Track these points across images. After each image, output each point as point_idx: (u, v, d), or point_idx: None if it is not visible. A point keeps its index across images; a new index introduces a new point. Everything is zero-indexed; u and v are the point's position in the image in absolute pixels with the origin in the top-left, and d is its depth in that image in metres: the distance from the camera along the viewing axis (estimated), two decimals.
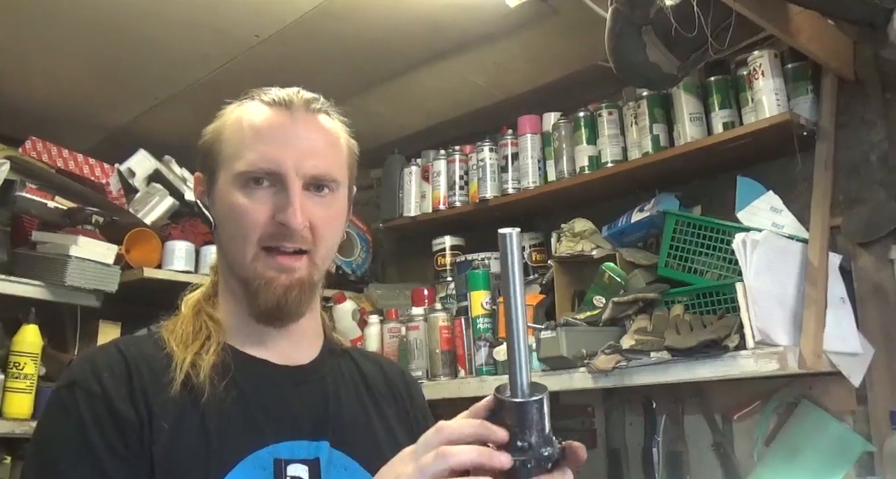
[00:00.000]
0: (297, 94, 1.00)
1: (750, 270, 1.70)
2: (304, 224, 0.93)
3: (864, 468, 1.78)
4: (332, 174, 0.98)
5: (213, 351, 0.94)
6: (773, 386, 1.94)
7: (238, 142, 0.96)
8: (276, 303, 0.94)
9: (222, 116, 1.01)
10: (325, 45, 2.15)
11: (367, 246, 2.95)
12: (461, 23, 2.08)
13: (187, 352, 0.93)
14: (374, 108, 2.54)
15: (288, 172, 0.93)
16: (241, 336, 0.99)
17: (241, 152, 0.95)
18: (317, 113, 1.00)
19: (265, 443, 0.90)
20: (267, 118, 0.97)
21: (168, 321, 1.01)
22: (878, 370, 1.78)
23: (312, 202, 0.95)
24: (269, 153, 0.94)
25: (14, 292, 2.14)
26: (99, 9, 1.96)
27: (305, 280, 0.95)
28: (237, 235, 0.95)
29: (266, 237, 0.93)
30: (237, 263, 0.96)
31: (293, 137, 0.96)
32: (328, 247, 0.98)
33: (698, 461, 2.09)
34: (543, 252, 2.43)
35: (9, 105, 2.46)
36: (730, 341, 1.65)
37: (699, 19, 1.53)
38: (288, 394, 0.96)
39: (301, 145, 0.96)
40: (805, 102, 1.91)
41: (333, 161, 0.99)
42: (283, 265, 0.94)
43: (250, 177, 0.94)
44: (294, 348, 1.01)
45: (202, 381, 0.90)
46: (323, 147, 0.98)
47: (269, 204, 0.93)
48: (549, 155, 2.35)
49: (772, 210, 1.91)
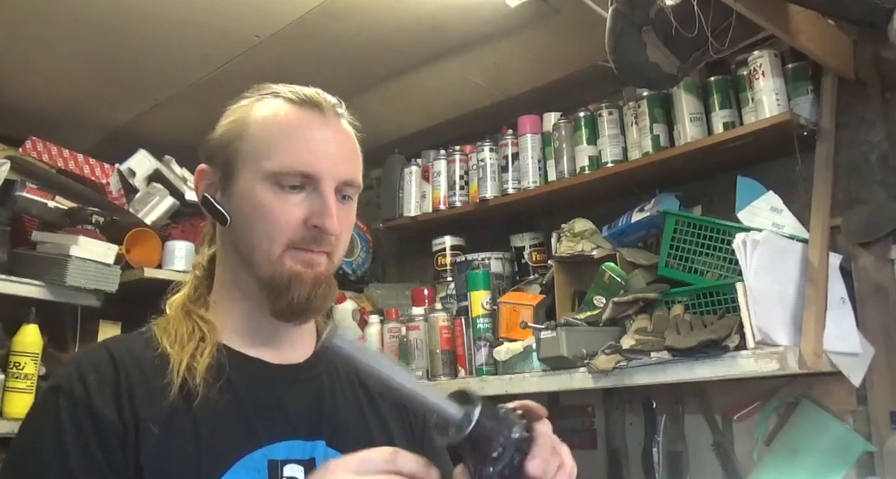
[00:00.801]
0: (321, 95, 0.99)
1: (750, 270, 1.70)
2: (339, 229, 0.94)
3: (864, 468, 1.78)
4: (358, 180, 1.00)
5: (208, 353, 0.92)
6: (773, 386, 1.94)
7: (266, 140, 0.95)
8: (308, 296, 0.94)
9: (239, 110, 0.99)
10: (325, 45, 2.15)
11: (367, 246, 2.95)
12: (461, 23, 2.08)
13: (183, 354, 0.92)
14: (374, 108, 2.53)
15: (324, 176, 0.94)
16: (239, 336, 0.98)
17: (271, 151, 0.94)
18: (341, 117, 1.01)
19: (260, 444, 0.89)
20: (299, 118, 0.96)
21: (159, 320, 1.00)
22: (878, 370, 1.78)
23: (339, 207, 0.96)
24: (305, 155, 0.94)
25: (14, 292, 2.14)
26: (99, 9, 1.96)
27: (326, 275, 0.96)
28: (263, 235, 0.93)
29: (297, 240, 0.93)
30: (262, 261, 0.94)
31: (327, 141, 0.96)
32: (344, 247, 1.00)
33: (698, 461, 2.09)
34: (543, 252, 2.43)
35: (9, 105, 2.46)
36: (730, 341, 1.65)
37: (699, 19, 1.53)
38: (283, 394, 0.96)
39: (333, 150, 0.96)
40: (805, 102, 1.91)
41: (357, 166, 1.01)
42: (310, 260, 0.94)
43: (284, 179, 0.93)
44: (291, 347, 1.01)
45: (197, 384, 0.89)
46: (351, 152, 1.00)
47: (303, 207, 0.93)
48: (549, 155, 2.35)
49: (772, 210, 1.91)
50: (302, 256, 0.94)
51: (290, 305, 0.94)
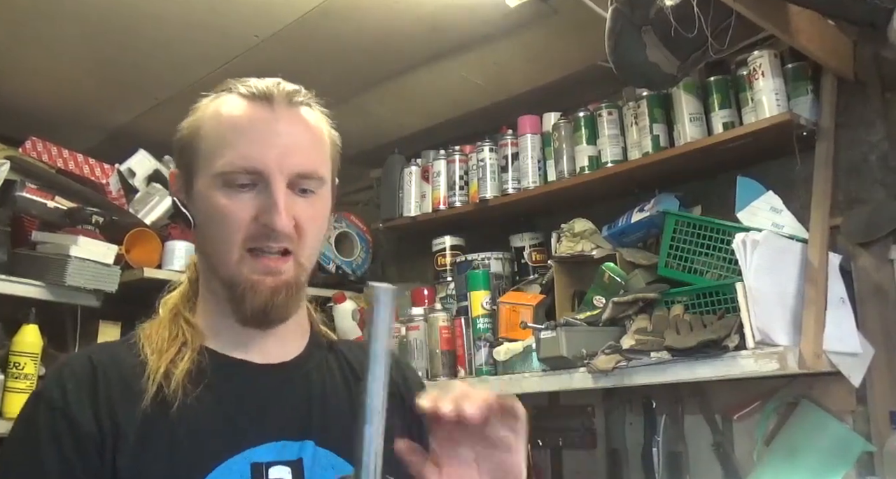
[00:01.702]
0: (277, 86, 0.95)
1: (750, 270, 1.70)
2: (289, 225, 0.90)
3: (864, 468, 1.78)
4: (317, 171, 0.94)
5: (189, 358, 0.91)
6: (773, 386, 1.95)
7: (216, 139, 0.92)
8: (263, 307, 0.91)
9: (198, 109, 0.97)
10: (325, 45, 2.15)
11: (367, 246, 2.95)
12: (461, 23, 2.08)
13: (161, 361, 0.90)
14: (374, 108, 2.53)
15: (271, 171, 0.89)
16: (221, 339, 0.96)
17: (220, 150, 0.91)
18: (298, 106, 0.96)
19: (241, 448, 0.87)
20: (246, 113, 0.92)
21: (146, 324, 0.98)
22: (878, 370, 1.78)
23: (296, 201, 0.92)
24: (250, 151, 0.90)
25: (14, 292, 2.14)
26: (99, 9, 1.96)
27: (292, 282, 0.92)
28: (220, 238, 0.91)
29: (250, 239, 0.90)
30: (221, 266, 0.92)
31: (275, 134, 0.91)
32: (313, 246, 0.95)
33: (698, 461, 2.09)
34: (543, 252, 2.43)
35: (9, 105, 2.46)
36: (730, 341, 1.65)
37: (699, 19, 1.53)
38: (270, 394, 0.93)
39: (284, 142, 0.91)
40: (805, 102, 1.91)
41: (318, 157, 0.95)
42: (270, 268, 0.91)
43: (231, 177, 0.90)
44: (278, 346, 0.98)
45: (174, 390, 0.87)
46: (307, 143, 0.94)
47: (252, 205, 0.90)
48: (549, 155, 2.35)
49: (772, 210, 1.91)
50: (262, 262, 0.90)
51: (246, 314, 0.92)
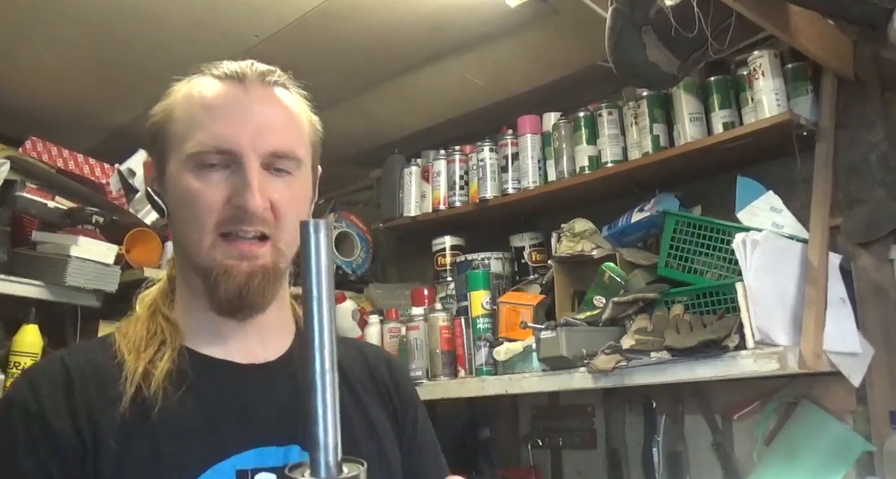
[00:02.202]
0: (250, 66, 0.92)
1: (750, 270, 1.70)
2: (263, 206, 0.86)
3: (864, 468, 1.79)
4: (292, 151, 0.90)
5: (168, 358, 0.86)
6: (773, 386, 1.95)
7: (188, 121, 0.88)
8: (238, 292, 0.86)
9: (170, 93, 0.94)
10: (325, 45, 2.15)
11: (367, 246, 2.95)
12: (461, 23, 2.08)
13: (139, 361, 0.85)
14: (374, 108, 2.53)
15: (243, 150, 0.86)
16: (201, 336, 0.91)
17: (191, 132, 0.87)
18: (273, 86, 0.93)
19: (226, 454, 0.83)
20: (218, 93, 0.89)
21: (122, 323, 0.94)
22: (878, 370, 1.78)
23: (272, 182, 0.88)
24: (221, 131, 0.86)
25: (14, 292, 2.14)
26: (99, 9, 1.96)
27: (269, 267, 0.88)
28: (192, 223, 0.87)
29: (223, 222, 0.86)
30: (194, 252, 0.88)
31: (248, 113, 0.88)
32: (292, 230, 0.89)
33: (698, 461, 2.09)
34: (543, 252, 2.43)
35: (9, 105, 2.46)
36: (730, 341, 1.65)
37: (699, 19, 1.53)
38: (254, 397, 0.89)
39: (257, 121, 0.88)
40: (805, 102, 1.91)
41: (293, 137, 0.92)
42: (244, 252, 0.86)
43: (202, 158, 0.86)
44: (261, 345, 0.93)
45: (154, 393, 0.83)
46: (281, 122, 0.91)
47: (225, 186, 0.86)
48: (549, 155, 2.35)
49: (772, 210, 1.91)
50: (237, 246, 0.86)
51: (221, 301, 0.88)
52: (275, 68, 0.94)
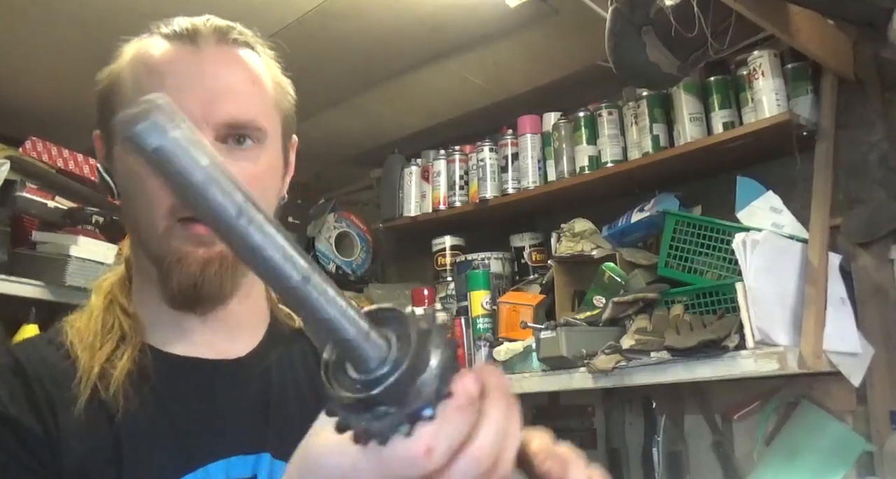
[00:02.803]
0: (205, 23, 0.81)
1: (750, 270, 1.70)
2: None
3: (864, 468, 1.78)
4: (254, 120, 0.79)
5: (128, 357, 0.77)
6: (773, 386, 1.95)
7: (134, 88, 0.78)
8: (192, 283, 0.76)
9: (118, 56, 0.83)
10: (325, 45, 2.15)
11: (367, 246, 2.95)
12: (461, 23, 2.08)
13: (94, 359, 0.76)
14: (374, 108, 2.53)
15: (194, 120, 0.72)
16: (163, 331, 0.81)
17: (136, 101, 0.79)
18: (232, 45, 0.82)
19: (193, 465, 0.74)
20: (166, 55, 0.78)
21: (74, 315, 0.83)
22: (878, 370, 1.78)
23: (231, 157, 0.77)
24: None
25: (14, 292, 2.14)
26: (99, 9, 1.96)
27: (228, 255, 0.77)
28: (143, 206, 0.77)
29: (179, 207, 0.75)
30: (146, 238, 0.79)
31: (199, 77, 0.77)
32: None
33: (698, 461, 2.09)
34: (543, 252, 2.43)
35: (9, 105, 2.46)
36: (730, 341, 1.65)
37: (699, 19, 1.53)
38: (222, 400, 0.80)
39: (210, 86, 0.77)
40: (805, 102, 1.91)
41: (255, 104, 0.80)
42: (201, 236, 0.76)
43: None
44: (229, 340, 0.83)
45: (113, 395, 0.74)
46: (240, 87, 0.79)
47: None
48: (549, 155, 2.35)
49: (772, 210, 1.91)
50: (193, 231, 0.76)
51: (174, 292, 0.77)
52: (235, 24, 0.84)
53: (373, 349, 0.39)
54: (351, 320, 0.38)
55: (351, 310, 0.39)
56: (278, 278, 0.36)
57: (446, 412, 0.40)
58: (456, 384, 0.41)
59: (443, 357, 0.40)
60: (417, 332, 0.40)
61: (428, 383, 0.40)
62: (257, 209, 0.35)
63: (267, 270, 0.36)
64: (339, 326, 0.38)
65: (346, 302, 0.39)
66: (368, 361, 0.39)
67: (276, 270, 0.36)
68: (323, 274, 0.38)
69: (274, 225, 0.36)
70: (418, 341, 0.40)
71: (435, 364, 0.40)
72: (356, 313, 0.39)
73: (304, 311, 0.38)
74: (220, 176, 0.34)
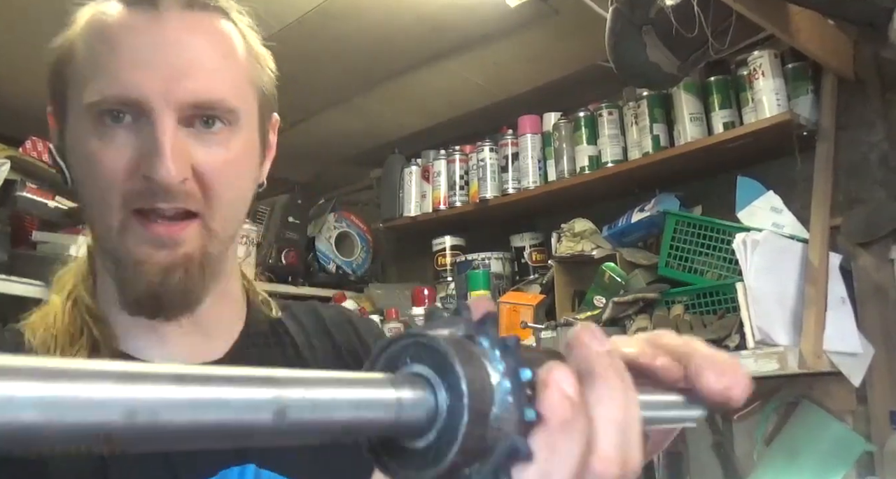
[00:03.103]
0: None
1: (750, 270, 1.71)
2: (179, 176, 0.64)
3: (864, 468, 1.78)
4: (224, 100, 0.68)
5: None
6: (773, 386, 1.94)
7: (87, 60, 0.68)
8: (151, 292, 0.66)
9: (73, 22, 0.73)
10: (325, 45, 2.15)
11: (367, 246, 2.95)
12: (461, 23, 2.08)
13: None
14: (374, 108, 2.54)
15: (152, 100, 0.64)
16: (135, 337, 0.71)
17: (90, 75, 0.66)
18: (201, 11, 0.70)
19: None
20: (122, 22, 0.67)
21: (33, 317, 0.73)
22: (878, 370, 1.78)
23: (197, 142, 0.67)
24: (125, 75, 0.64)
25: (14, 292, 2.14)
26: None
27: (195, 256, 0.67)
28: (95, 197, 0.67)
29: (133, 197, 0.65)
30: (102, 234, 0.69)
31: (159, 48, 0.66)
32: (230, 204, 0.69)
33: (698, 461, 2.09)
34: (543, 252, 2.43)
35: (9, 105, 2.46)
36: (730, 341, 1.65)
37: (699, 19, 1.53)
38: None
39: (172, 59, 0.66)
40: (805, 102, 1.91)
41: (226, 80, 0.69)
42: (161, 237, 0.65)
43: (102, 111, 0.65)
44: (205, 340, 0.74)
45: None
46: (208, 60, 0.68)
47: (132, 148, 0.65)
48: (549, 155, 2.35)
49: (772, 210, 1.91)
50: (152, 230, 0.65)
51: (129, 301, 0.67)
52: None
53: (416, 409, 0.29)
54: (370, 405, 0.29)
55: (358, 388, 0.29)
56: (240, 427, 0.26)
57: (544, 441, 0.31)
58: (542, 397, 0.31)
59: (507, 368, 0.31)
60: (456, 351, 0.30)
61: (504, 416, 0.30)
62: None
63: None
64: (361, 421, 0.28)
65: (349, 381, 0.29)
66: (418, 425, 0.30)
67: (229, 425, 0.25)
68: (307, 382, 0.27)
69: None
70: (464, 367, 0.30)
71: (501, 385, 0.30)
72: (367, 386, 0.29)
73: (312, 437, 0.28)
74: None
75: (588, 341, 0.35)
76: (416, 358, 0.31)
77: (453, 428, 0.29)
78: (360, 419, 0.28)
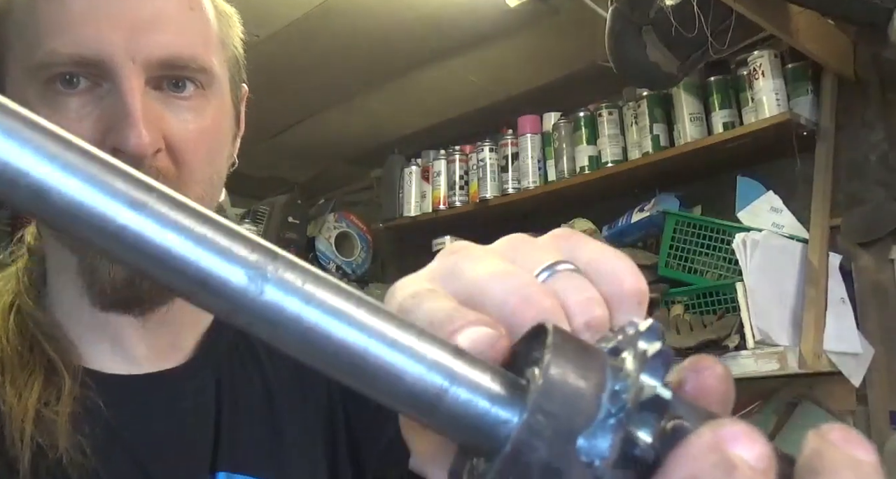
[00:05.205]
0: None
1: (750, 270, 1.71)
2: (153, 145, 0.55)
3: None
4: (196, 57, 0.58)
5: (68, 394, 0.56)
6: (773, 386, 1.94)
7: (30, 13, 0.57)
8: (122, 282, 0.57)
9: None
10: (326, 45, 2.15)
11: (367, 246, 2.95)
12: (461, 23, 2.08)
13: (23, 408, 0.54)
14: (374, 107, 2.54)
15: (116, 59, 0.55)
16: (96, 346, 0.62)
17: (38, 34, 0.56)
18: None
19: None
20: None
21: None
22: (878, 370, 1.78)
23: (166, 106, 0.58)
24: (82, 32, 0.55)
25: None
26: None
27: None
28: None
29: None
30: None
31: (122, 3, 0.56)
32: (205, 174, 0.60)
33: None
34: None
35: None
36: (730, 341, 1.65)
37: (699, 19, 1.53)
38: (180, 419, 0.62)
39: (134, 10, 0.56)
40: (805, 102, 1.91)
41: (196, 35, 0.60)
42: None
43: (55, 74, 0.55)
44: (170, 343, 0.65)
45: (62, 451, 0.54)
46: (175, 14, 0.58)
47: (93, 116, 0.55)
48: (549, 155, 2.36)
49: (772, 210, 1.91)
50: None
51: (102, 291, 0.58)
52: None
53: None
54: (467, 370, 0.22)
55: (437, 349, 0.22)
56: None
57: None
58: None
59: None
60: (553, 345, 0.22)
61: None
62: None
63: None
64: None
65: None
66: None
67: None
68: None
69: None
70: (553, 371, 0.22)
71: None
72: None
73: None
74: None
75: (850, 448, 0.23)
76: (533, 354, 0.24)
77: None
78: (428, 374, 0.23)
